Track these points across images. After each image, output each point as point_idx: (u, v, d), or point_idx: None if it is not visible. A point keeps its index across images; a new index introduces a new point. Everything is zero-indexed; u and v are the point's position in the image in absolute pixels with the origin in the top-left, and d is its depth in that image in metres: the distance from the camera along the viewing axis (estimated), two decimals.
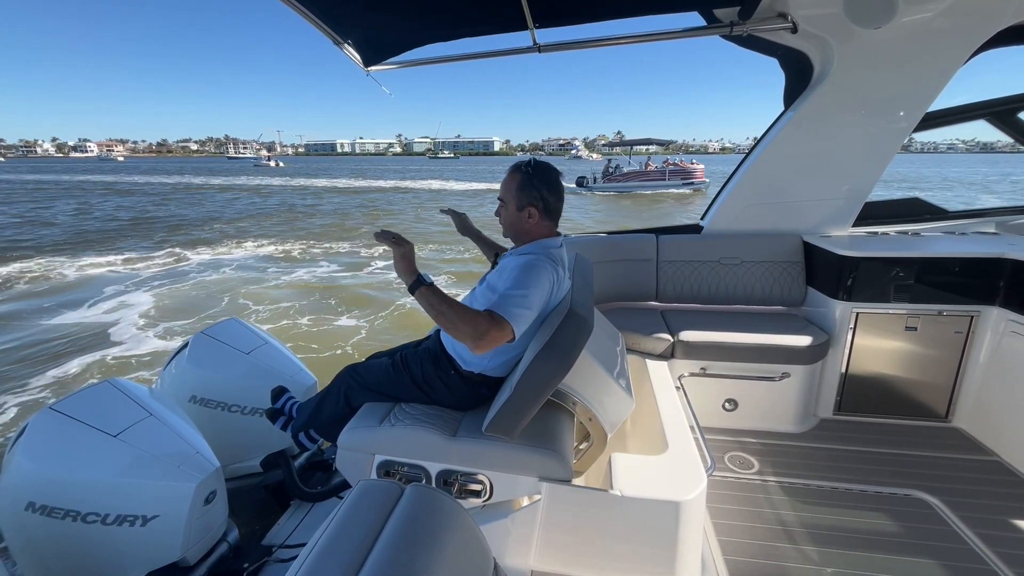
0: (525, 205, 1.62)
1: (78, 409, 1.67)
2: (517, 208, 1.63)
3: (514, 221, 1.66)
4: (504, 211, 1.66)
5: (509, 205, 1.64)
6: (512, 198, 1.63)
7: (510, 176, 1.64)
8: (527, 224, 1.64)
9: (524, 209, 1.62)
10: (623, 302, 3.10)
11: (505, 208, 1.66)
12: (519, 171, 1.63)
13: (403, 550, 0.70)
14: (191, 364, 2.22)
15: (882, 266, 2.51)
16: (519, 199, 1.62)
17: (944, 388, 2.57)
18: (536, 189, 1.61)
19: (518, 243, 1.71)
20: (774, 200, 2.95)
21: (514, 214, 1.64)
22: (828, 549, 1.81)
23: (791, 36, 2.44)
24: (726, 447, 2.47)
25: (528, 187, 1.60)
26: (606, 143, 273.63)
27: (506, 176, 1.65)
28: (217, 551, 1.78)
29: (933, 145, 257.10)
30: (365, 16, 2.21)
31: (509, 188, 1.63)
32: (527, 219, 1.63)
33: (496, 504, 1.61)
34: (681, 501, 1.46)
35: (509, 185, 1.63)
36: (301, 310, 7.60)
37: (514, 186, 1.62)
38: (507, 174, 1.65)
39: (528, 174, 1.61)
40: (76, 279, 9.37)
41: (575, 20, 2.29)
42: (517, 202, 1.62)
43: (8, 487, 1.56)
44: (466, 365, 1.70)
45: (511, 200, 1.63)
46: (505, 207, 1.65)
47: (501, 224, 1.72)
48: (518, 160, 1.67)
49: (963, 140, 77.68)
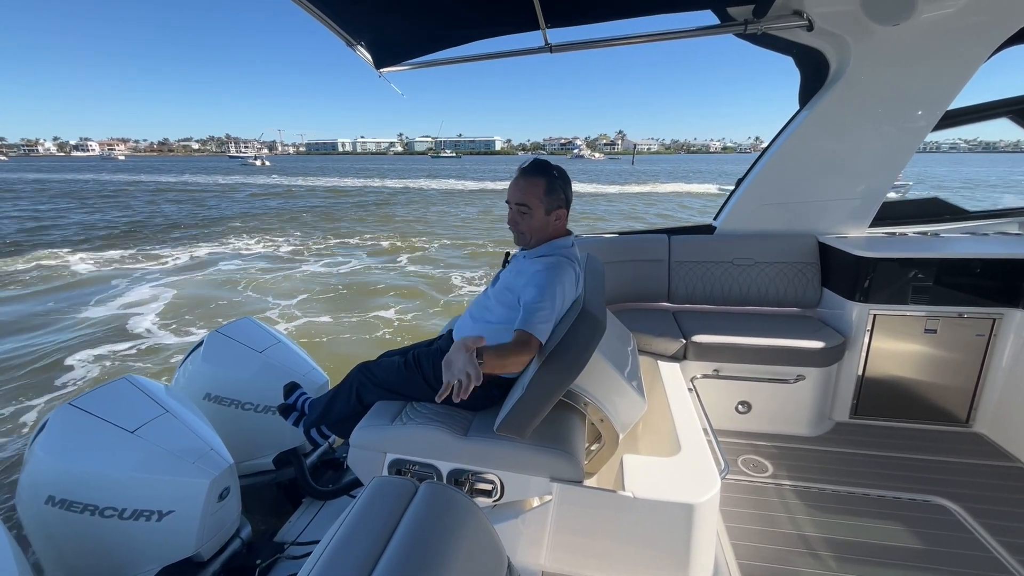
0: (554, 208, 1.60)
1: (96, 405, 1.70)
2: (546, 212, 1.60)
3: (542, 226, 1.62)
4: (529, 217, 1.60)
5: (536, 211, 1.59)
6: (540, 203, 1.58)
7: (531, 182, 1.58)
8: (554, 227, 1.63)
9: (552, 212, 1.60)
10: (635, 303, 3.08)
11: (530, 214, 1.59)
12: (543, 175, 1.58)
13: (418, 547, 0.70)
14: (206, 362, 2.25)
15: (900, 267, 2.46)
16: (548, 203, 1.59)
17: (965, 392, 2.51)
18: (563, 191, 1.60)
19: (537, 245, 1.67)
20: (789, 200, 2.91)
21: (542, 219, 1.60)
22: (844, 555, 1.78)
23: (807, 34, 2.41)
24: (739, 450, 2.44)
25: (556, 190, 1.59)
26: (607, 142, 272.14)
27: (523, 181, 1.58)
28: (230, 547, 1.80)
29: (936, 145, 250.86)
30: (378, 18, 2.23)
31: (535, 194, 1.57)
32: (555, 222, 1.62)
33: (507, 504, 1.60)
34: (694, 504, 1.44)
35: (534, 191, 1.57)
36: (308, 309, 7.67)
37: (540, 191, 1.57)
38: (525, 179, 1.58)
39: (554, 177, 1.58)
40: (88, 276, 9.55)
41: (587, 20, 2.29)
42: (546, 206, 1.59)
43: (29, 481, 1.59)
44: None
45: (538, 205, 1.58)
46: (531, 213, 1.59)
47: (521, 230, 1.64)
48: (531, 163, 1.62)
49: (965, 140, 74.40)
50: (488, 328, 1.70)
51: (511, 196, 1.62)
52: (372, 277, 9.71)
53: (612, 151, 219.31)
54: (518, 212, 1.61)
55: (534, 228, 1.63)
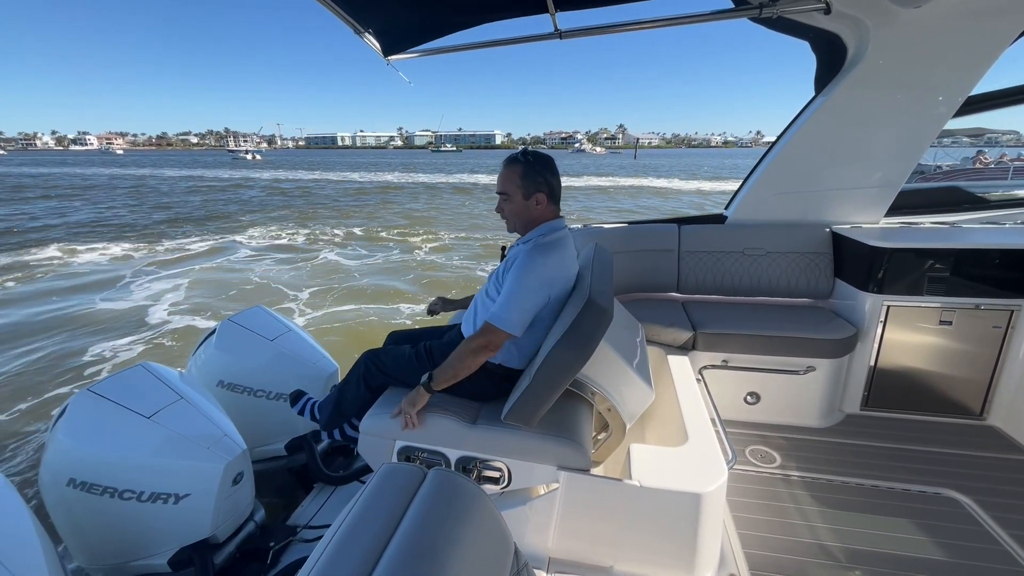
0: (532, 193, 1.65)
1: (114, 391, 1.74)
2: (524, 197, 1.65)
3: (521, 211, 1.68)
4: (509, 203, 1.68)
5: (515, 196, 1.66)
6: (517, 188, 1.65)
7: (509, 169, 1.66)
8: (535, 211, 1.68)
9: (532, 197, 1.65)
10: (644, 293, 3.06)
11: (510, 200, 1.67)
12: (517, 162, 1.65)
13: (427, 532, 0.71)
14: (219, 350, 2.29)
15: (916, 258, 2.42)
16: (525, 188, 1.65)
17: (979, 384, 2.48)
18: (540, 175, 1.65)
19: (525, 231, 1.73)
20: (802, 189, 2.86)
21: (521, 204, 1.67)
22: (853, 546, 1.78)
23: (824, 17, 2.34)
24: (747, 440, 2.43)
25: (532, 175, 1.64)
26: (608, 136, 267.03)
27: (504, 170, 1.67)
28: (245, 529, 1.84)
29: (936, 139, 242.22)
30: (386, 5, 2.21)
31: (511, 180, 1.65)
32: (535, 206, 1.67)
33: (514, 491, 1.62)
34: (701, 493, 1.45)
35: (510, 177, 1.65)
36: (318, 299, 7.74)
37: (516, 177, 1.64)
38: (504, 168, 1.67)
39: (529, 163, 1.64)
40: (99, 268, 9.71)
41: (597, 3, 2.24)
42: (524, 191, 1.65)
43: (51, 464, 1.64)
44: (495, 361, 1.72)
45: (516, 191, 1.65)
46: (510, 199, 1.67)
47: (505, 217, 1.73)
48: (510, 154, 1.69)
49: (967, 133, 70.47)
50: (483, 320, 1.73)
51: (497, 186, 1.71)
52: (385, 268, 9.76)
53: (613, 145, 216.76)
54: (501, 200, 1.70)
55: (515, 212, 1.69)
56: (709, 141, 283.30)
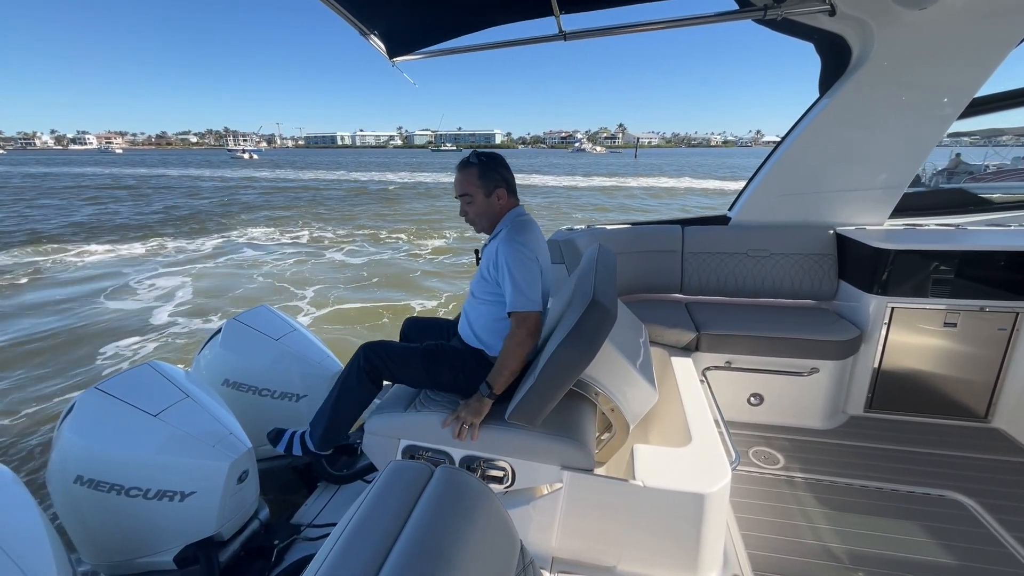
0: (493, 189, 1.72)
1: (121, 389, 1.75)
2: (486, 195, 1.72)
3: (485, 208, 1.74)
4: (472, 205, 1.74)
5: (477, 196, 1.72)
6: (478, 188, 1.71)
7: (466, 172, 1.72)
8: (498, 206, 1.75)
9: (492, 193, 1.73)
10: (647, 294, 3.07)
11: (473, 201, 1.73)
12: (473, 164, 1.71)
13: (434, 529, 0.72)
14: (224, 349, 2.30)
15: (920, 259, 2.41)
16: (485, 187, 1.71)
17: (984, 387, 2.47)
18: (496, 172, 1.72)
19: (491, 227, 1.79)
20: (806, 191, 2.86)
21: (484, 202, 1.73)
22: (856, 548, 1.77)
23: (828, 19, 2.34)
24: (751, 442, 2.43)
25: (489, 173, 1.72)
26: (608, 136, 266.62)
27: (460, 174, 1.73)
28: (249, 527, 1.85)
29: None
30: (391, 7, 2.22)
31: (470, 182, 1.71)
32: (497, 201, 1.74)
33: (518, 491, 1.63)
34: (705, 494, 1.45)
35: (469, 179, 1.71)
36: (322, 298, 7.76)
37: (475, 178, 1.71)
38: (460, 172, 1.73)
39: (483, 162, 1.72)
40: (105, 267, 9.76)
41: (602, 4, 2.25)
42: (484, 190, 1.72)
43: (58, 461, 1.65)
44: (492, 351, 1.75)
45: (477, 191, 1.72)
46: (472, 200, 1.73)
47: (470, 218, 1.78)
48: (463, 158, 1.75)
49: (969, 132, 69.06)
50: (482, 320, 1.77)
51: (455, 191, 1.77)
52: (391, 268, 9.78)
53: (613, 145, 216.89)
54: (464, 202, 1.76)
55: (480, 212, 1.75)
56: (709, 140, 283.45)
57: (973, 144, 14.85)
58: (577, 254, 2.89)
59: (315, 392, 2.29)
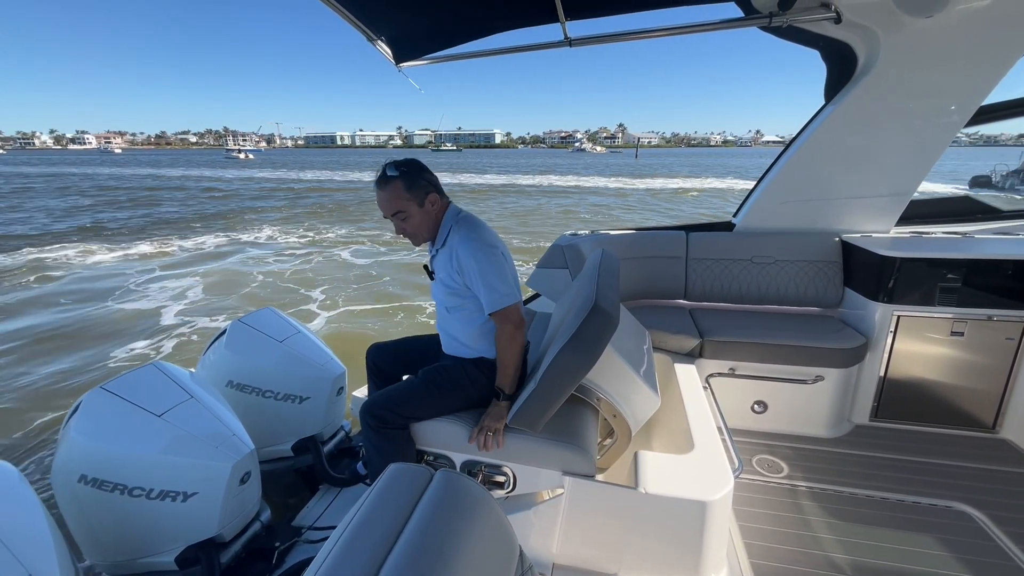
0: (424, 197, 1.64)
1: (126, 389, 1.76)
2: (419, 205, 1.63)
3: (424, 219, 1.66)
4: (408, 220, 1.64)
5: (410, 209, 1.62)
6: (408, 201, 1.61)
7: (390, 188, 1.59)
8: (434, 212, 1.67)
9: (425, 201, 1.64)
10: (651, 300, 3.06)
11: (408, 216, 1.63)
12: (394, 178, 1.59)
13: (433, 533, 0.72)
14: (228, 350, 2.31)
15: (927, 267, 2.40)
16: (416, 197, 1.62)
17: (992, 397, 2.44)
18: (421, 178, 1.63)
19: (434, 234, 1.72)
20: (812, 197, 2.85)
21: (419, 213, 1.64)
22: (860, 559, 1.75)
23: (834, 27, 2.34)
24: (754, 449, 2.41)
25: (414, 182, 1.62)
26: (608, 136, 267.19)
27: (383, 194, 1.60)
28: (251, 529, 1.86)
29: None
30: (399, 14, 2.24)
31: (399, 197, 1.60)
32: (432, 207, 1.66)
33: (519, 496, 1.62)
34: (707, 501, 1.44)
35: (396, 195, 1.60)
36: (328, 300, 7.80)
37: (402, 191, 1.60)
38: (382, 190, 1.60)
39: (405, 172, 1.61)
40: (111, 268, 9.86)
41: (608, 12, 2.26)
42: (417, 200, 1.62)
43: (63, 459, 1.67)
44: (491, 354, 1.74)
45: (409, 204, 1.61)
46: (407, 215, 1.63)
47: (411, 234, 1.68)
48: (380, 173, 1.62)
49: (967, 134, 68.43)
50: (466, 329, 1.73)
51: (384, 211, 1.64)
52: (395, 266, 9.82)
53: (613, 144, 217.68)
54: (399, 220, 1.64)
55: (418, 224, 1.66)
56: (708, 140, 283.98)
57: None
58: (580, 259, 2.90)
59: (318, 394, 2.30)
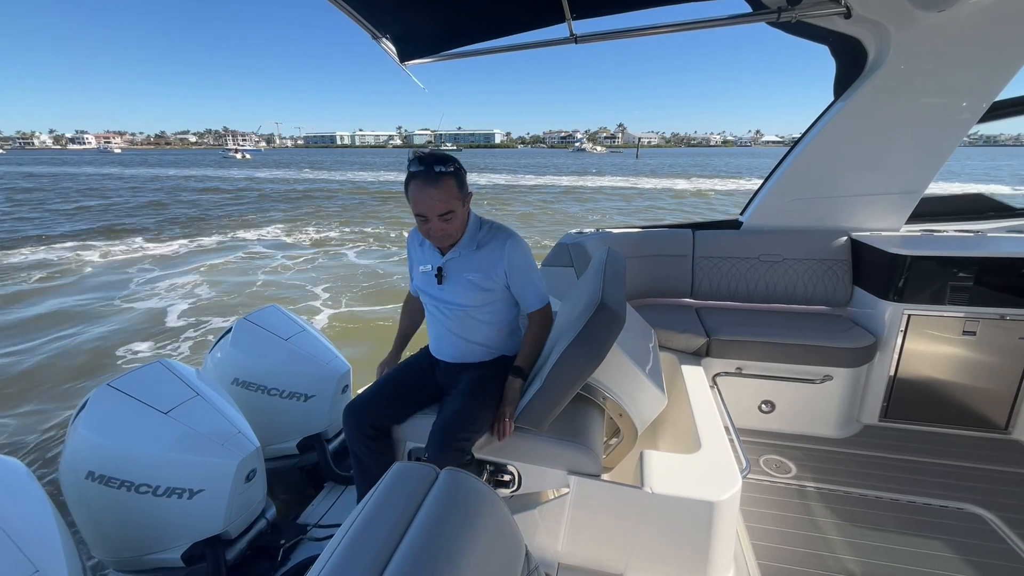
0: (468, 197, 1.58)
1: (132, 386, 1.77)
2: (463, 204, 1.54)
3: (463, 219, 1.59)
4: (454, 220, 1.52)
5: (459, 209, 1.52)
6: (459, 200, 1.52)
7: (444, 187, 1.46)
8: (467, 211, 1.61)
9: (467, 200, 1.57)
10: (657, 298, 3.04)
11: (454, 217, 1.51)
12: (447, 174, 1.47)
13: (438, 531, 0.71)
14: (234, 348, 2.32)
15: (938, 266, 2.36)
16: (463, 196, 1.53)
17: (1005, 397, 2.40)
18: (464, 172, 1.55)
19: (463, 233, 1.63)
20: (821, 195, 2.82)
21: (463, 212, 1.56)
22: (870, 560, 1.73)
23: (844, 22, 2.31)
24: (761, 450, 2.39)
25: (464, 181, 1.54)
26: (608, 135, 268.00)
27: (437, 191, 1.45)
28: (256, 526, 1.86)
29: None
30: (404, 12, 2.23)
31: (453, 196, 1.49)
32: (469, 204, 1.61)
33: (524, 495, 1.61)
34: (715, 501, 1.42)
35: (451, 194, 1.48)
36: (331, 299, 7.82)
37: (454, 189, 1.49)
38: (436, 188, 1.45)
39: (457, 169, 1.50)
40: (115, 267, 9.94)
41: (614, 9, 2.24)
42: (463, 199, 1.53)
43: (71, 456, 1.68)
44: (512, 351, 1.77)
45: (459, 203, 1.52)
46: (455, 215, 1.51)
47: (445, 236, 1.55)
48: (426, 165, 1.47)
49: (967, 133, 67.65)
50: (492, 331, 1.70)
51: (428, 209, 1.47)
52: (397, 267, 9.83)
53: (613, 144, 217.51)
54: (443, 221, 1.50)
55: (461, 225, 1.58)
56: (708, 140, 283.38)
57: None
58: (586, 257, 2.88)
59: (323, 392, 2.30)
